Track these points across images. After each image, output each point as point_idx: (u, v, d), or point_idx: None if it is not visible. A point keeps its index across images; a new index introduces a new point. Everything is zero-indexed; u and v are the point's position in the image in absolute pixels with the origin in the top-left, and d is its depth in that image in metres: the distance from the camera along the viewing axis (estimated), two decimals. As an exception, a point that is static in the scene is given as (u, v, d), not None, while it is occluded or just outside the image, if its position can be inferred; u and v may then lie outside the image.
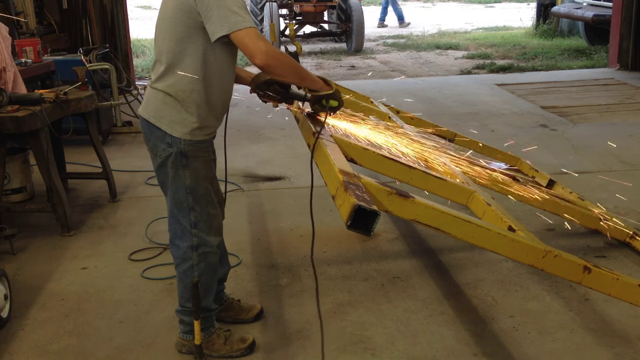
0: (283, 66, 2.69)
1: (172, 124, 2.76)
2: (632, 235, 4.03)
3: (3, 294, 3.27)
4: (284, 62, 2.70)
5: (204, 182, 2.85)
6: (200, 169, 2.82)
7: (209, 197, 2.88)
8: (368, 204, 2.16)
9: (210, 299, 2.97)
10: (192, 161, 2.79)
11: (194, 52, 2.67)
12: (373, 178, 2.52)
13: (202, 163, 2.84)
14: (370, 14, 18.01)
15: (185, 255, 2.88)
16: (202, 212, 2.85)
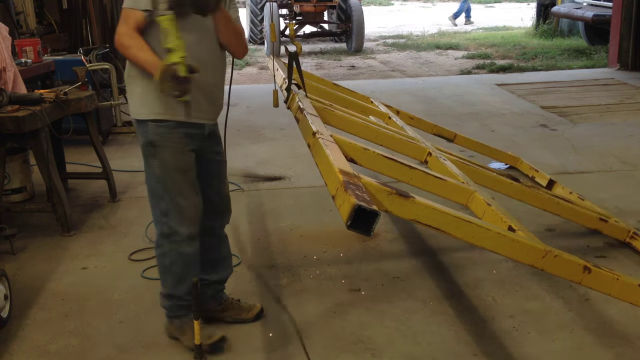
0: (125, 51, 2.78)
1: (136, 106, 2.89)
2: (632, 235, 4.03)
3: (3, 294, 3.27)
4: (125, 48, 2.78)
5: (172, 173, 2.88)
6: (168, 159, 2.86)
7: (178, 188, 2.89)
8: (368, 204, 2.16)
9: (181, 289, 3.01)
10: (160, 150, 2.85)
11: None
12: (373, 178, 2.52)
13: (172, 153, 2.86)
14: (370, 14, 18.02)
15: (158, 241, 3.00)
16: (171, 201, 2.90)
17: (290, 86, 3.86)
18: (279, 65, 4.65)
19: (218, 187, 3.09)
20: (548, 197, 4.03)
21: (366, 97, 5.33)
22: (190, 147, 2.90)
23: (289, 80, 3.87)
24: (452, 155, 4.08)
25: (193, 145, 2.91)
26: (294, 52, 3.94)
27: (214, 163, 3.06)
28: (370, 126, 3.85)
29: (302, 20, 13.44)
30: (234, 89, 3.52)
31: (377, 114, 4.78)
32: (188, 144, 2.89)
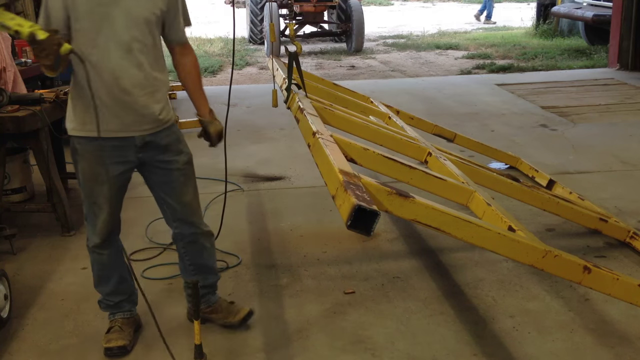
0: None
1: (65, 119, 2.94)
2: (632, 235, 4.03)
3: (3, 294, 3.27)
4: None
5: (89, 184, 2.92)
6: (86, 170, 2.89)
7: (93, 198, 2.93)
8: (368, 204, 2.16)
9: (102, 289, 3.15)
10: (80, 160, 2.90)
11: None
12: (373, 178, 2.52)
13: (88, 165, 2.88)
14: (370, 14, 18.02)
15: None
16: (88, 208, 2.97)
17: (290, 86, 3.86)
18: (279, 65, 4.65)
19: (176, 196, 3.02)
20: (548, 197, 4.03)
21: (366, 97, 5.33)
22: (114, 159, 2.88)
23: (289, 80, 3.87)
24: (452, 155, 4.08)
25: (121, 158, 2.89)
26: (294, 52, 3.94)
27: (163, 173, 2.98)
28: (370, 126, 3.85)
29: (302, 20, 13.44)
30: (234, 89, 3.53)
31: (377, 114, 4.78)
32: (108, 157, 2.86)
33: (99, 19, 2.69)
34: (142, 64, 2.78)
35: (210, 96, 3.16)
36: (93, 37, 2.70)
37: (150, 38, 2.80)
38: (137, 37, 2.75)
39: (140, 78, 2.79)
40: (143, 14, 2.75)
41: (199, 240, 3.14)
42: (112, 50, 2.72)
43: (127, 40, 2.73)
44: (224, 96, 3.83)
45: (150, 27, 2.78)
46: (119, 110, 2.80)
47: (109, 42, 2.71)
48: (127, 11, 2.72)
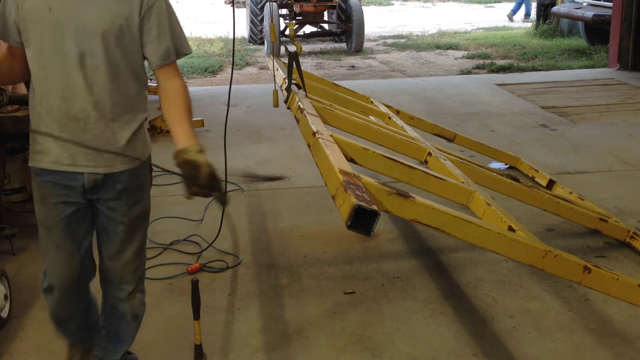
0: None
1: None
2: (632, 235, 4.03)
3: (3, 294, 3.27)
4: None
5: (40, 226, 2.48)
6: (38, 210, 2.47)
7: (43, 243, 2.50)
8: (368, 204, 2.16)
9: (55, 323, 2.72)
10: (35, 196, 2.46)
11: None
12: (373, 178, 2.52)
13: (40, 203, 2.45)
14: (370, 14, 18.01)
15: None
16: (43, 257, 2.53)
17: (290, 86, 3.86)
18: (279, 65, 4.65)
19: (109, 252, 2.53)
20: (548, 197, 4.03)
21: (366, 97, 5.33)
22: (59, 199, 2.41)
23: (289, 80, 3.87)
24: (452, 155, 4.08)
25: (65, 198, 2.41)
26: (294, 52, 3.94)
27: (105, 220, 2.48)
28: (370, 126, 3.85)
29: (302, 20, 13.42)
30: (234, 89, 3.50)
31: (377, 114, 4.78)
32: (52, 195, 2.41)
33: (46, 28, 2.27)
34: (97, 85, 2.31)
35: (210, 96, 3.15)
36: (40, 50, 2.30)
37: (111, 54, 2.30)
38: (90, 51, 2.28)
39: (94, 101, 2.31)
40: (100, 24, 2.28)
41: (121, 309, 2.63)
42: (59, 66, 2.28)
43: (77, 54, 2.27)
44: (224, 96, 3.83)
45: (110, 40, 2.29)
46: (61, 133, 2.33)
47: (56, 56, 2.28)
48: (81, 20, 2.27)
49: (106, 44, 2.29)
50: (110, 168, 2.40)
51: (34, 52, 2.31)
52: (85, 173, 2.38)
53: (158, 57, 2.40)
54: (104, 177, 2.39)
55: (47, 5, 2.25)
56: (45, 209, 2.43)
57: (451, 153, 4.24)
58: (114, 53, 2.31)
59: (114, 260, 2.54)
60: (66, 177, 2.38)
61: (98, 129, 2.35)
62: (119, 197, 2.44)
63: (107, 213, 2.46)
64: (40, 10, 2.25)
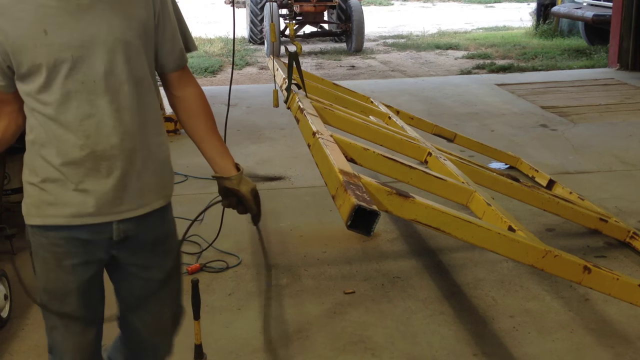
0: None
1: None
2: (632, 235, 4.03)
3: (3, 294, 3.27)
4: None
5: (46, 294, 1.98)
6: (47, 276, 1.96)
7: (51, 320, 2.05)
8: (368, 204, 2.16)
9: None
10: (35, 257, 1.98)
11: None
12: (373, 178, 2.52)
13: (49, 268, 1.94)
14: (370, 14, 18.01)
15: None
16: (49, 334, 2.13)
17: (290, 86, 3.86)
18: (279, 65, 4.65)
19: (143, 315, 2.11)
20: (548, 197, 4.03)
21: (366, 97, 5.33)
22: (81, 259, 1.94)
23: (289, 80, 3.87)
24: (452, 155, 4.08)
25: (90, 256, 1.94)
26: (294, 52, 3.94)
27: (136, 282, 2.05)
28: (370, 126, 3.85)
29: (302, 20, 13.43)
30: (234, 89, 3.49)
31: (377, 114, 4.78)
32: (72, 256, 1.92)
33: (48, 54, 1.79)
34: (125, 109, 1.87)
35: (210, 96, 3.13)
36: (45, 82, 1.81)
37: (133, 67, 1.88)
38: (111, 69, 1.84)
39: (124, 131, 1.87)
40: (118, 34, 1.84)
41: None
42: (76, 95, 1.82)
43: (97, 76, 1.83)
44: (224, 96, 3.83)
45: (131, 51, 1.87)
46: (89, 183, 1.86)
47: (70, 84, 1.81)
48: (91, 35, 1.81)
49: (127, 57, 1.86)
50: (142, 208, 1.95)
51: (37, 86, 1.81)
52: (114, 222, 1.91)
53: (174, 60, 2.02)
54: (135, 224, 1.95)
55: (40, 27, 1.77)
56: (58, 273, 1.94)
57: (451, 153, 4.24)
58: (135, 65, 1.88)
59: (148, 327, 2.13)
60: (89, 231, 1.90)
61: (130, 165, 1.89)
62: (152, 247, 2.01)
63: (139, 274, 2.04)
64: (34, 35, 1.77)
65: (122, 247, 1.97)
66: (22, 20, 1.78)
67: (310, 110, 3.49)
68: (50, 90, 1.82)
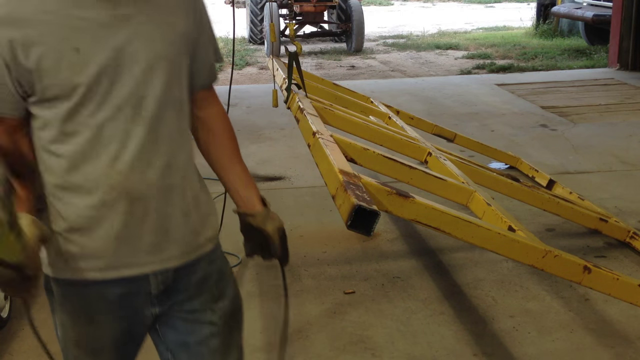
0: None
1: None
2: (632, 235, 4.04)
3: (3, 294, 3.27)
4: None
5: (73, 349, 1.73)
6: (68, 328, 1.71)
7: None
8: (368, 204, 2.16)
9: None
10: (60, 311, 1.73)
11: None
12: (373, 178, 2.52)
13: (78, 321, 1.67)
14: (370, 14, 18.02)
15: None
16: None
17: (290, 86, 3.86)
18: (279, 65, 4.65)
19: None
20: (548, 197, 4.03)
21: (366, 97, 5.33)
22: (116, 314, 1.63)
23: (289, 80, 3.87)
24: (452, 155, 4.08)
25: (126, 311, 1.63)
26: (294, 52, 3.94)
27: (185, 329, 1.69)
28: (370, 126, 3.85)
29: (302, 20, 13.43)
30: (234, 89, 3.50)
31: (377, 114, 4.78)
32: (106, 311, 1.63)
33: (80, 75, 1.48)
34: (164, 138, 1.57)
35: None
36: (72, 109, 1.50)
37: (174, 89, 1.59)
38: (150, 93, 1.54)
39: (164, 164, 1.57)
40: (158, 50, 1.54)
41: None
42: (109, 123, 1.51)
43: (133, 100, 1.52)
44: (224, 96, 3.83)
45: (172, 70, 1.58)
46: (122, 228, 1.55)
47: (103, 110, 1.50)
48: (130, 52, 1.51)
49: (168, 77, 1.56)
50: (187, 255, 1.65)
51: (62, 113, 1.49)
52: (151, 274, 1.61)
53: (205, 76, 1.72)
54: (175, 273, 1.64)
55: (70, 44, 1.46)
56: (91, 329, 1.66)
57: (451, 153, 4.24)
58: (176, 87, 1.59)
59: None
60: (124, 285, 1.60)
61: (170, 206, 1.59)
62: (198, 292, 1.69)
63: (188, 318, 1.69)
64: (64, 54, 1.46)
65: (162, 300, 1.65)
66: (49, 36, 1.45)
67: (310, 110, 3.49)
68: (78, 119, 1.50)
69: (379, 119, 4.66)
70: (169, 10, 1.57)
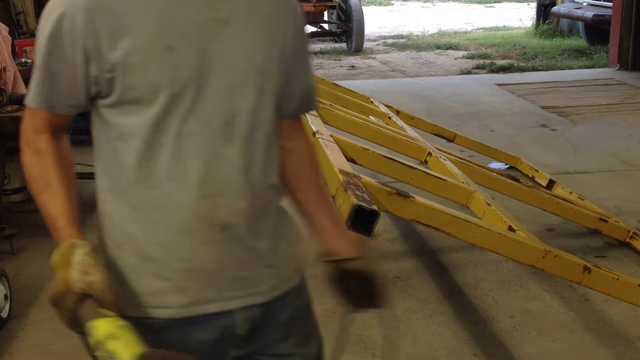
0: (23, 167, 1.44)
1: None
2: (632, 235, 4.04)
3: (3, 294, 3.27)
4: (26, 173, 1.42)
5: None
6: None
7: None
8: (368, 204, 2.16)
9: None
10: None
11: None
12: (373, 178, 2.52)
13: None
14: (370, 14, 18.02)
15: None
16: None
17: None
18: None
19: None
20: (548, 197, 4.04)
21: (366, 97, 5.33)
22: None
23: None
24: (452, 155, 4.08)
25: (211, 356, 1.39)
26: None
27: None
28: (370, 126, 3.86)
29: (302, 20, 13.46)
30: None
31: (377, 114, 4.78)
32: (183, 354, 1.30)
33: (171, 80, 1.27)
34: (255, 162, 1.38)
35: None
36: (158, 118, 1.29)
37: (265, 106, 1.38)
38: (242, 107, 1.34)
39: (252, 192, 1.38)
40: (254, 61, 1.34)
41: None
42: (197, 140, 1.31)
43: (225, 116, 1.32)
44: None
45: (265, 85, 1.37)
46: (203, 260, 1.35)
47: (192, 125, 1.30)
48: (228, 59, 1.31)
49: (262, 96, 1.36)
50: (275, 290, 1.46)
51: (144, 121, 1.29)
52: (237, 311, 1.39)
53: (301, 103, 1.51)
54: (265, 309, 1.44)
55: (164, 42, 1.26)
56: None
57: (451, 153, 4.24)
58: (269, 105, 1.39)
59: None
60: (205, 324, 1.37)
61: (257, 237, 1.41)
62: (287, 333, 1.49)
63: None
64: (155, 51, 1.26)
65: (249, 341, 1.43)
66: (141, 28, 1.25)
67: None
68: (162, 130, 1.29)
69: (379, 119, 4.66)
70: (271, 22, 1.37)
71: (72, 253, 1.25)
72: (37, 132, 1.37)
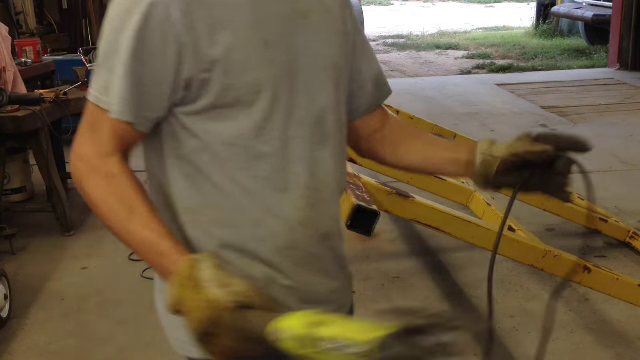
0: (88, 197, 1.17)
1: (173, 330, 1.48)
2: (632, 235, 4.04)
3: (3, 294, 3.27)
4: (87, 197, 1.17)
5: None
6: None
7: None
8: (368, 204, 2.16)
9: None
10: None
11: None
12: (373, 178, 2.52)
13: None
14: (370, 14, 18.02)
15: None
16: None
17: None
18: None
19: None
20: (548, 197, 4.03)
21: (366, 97, 5.33)
22: None
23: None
24: (452, 155, 4.08)
25: None
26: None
27: None
28: (370, 126, 3.85)
29: (302, 20, 13.45)
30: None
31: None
32: None
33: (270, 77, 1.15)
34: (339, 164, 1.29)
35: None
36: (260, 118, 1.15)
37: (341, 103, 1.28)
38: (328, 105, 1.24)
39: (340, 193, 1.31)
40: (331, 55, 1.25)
41: None
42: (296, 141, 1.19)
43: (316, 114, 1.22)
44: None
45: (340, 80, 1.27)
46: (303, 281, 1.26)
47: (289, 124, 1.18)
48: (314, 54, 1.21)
49: (337, 89, 1.26)
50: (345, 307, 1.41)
51: (245, 126, 1.14)
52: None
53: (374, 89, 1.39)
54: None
55: (260, 35, 1.14)
56: None
57: (451, 153, 4.24)
58: (343, 100, 1.29)
59: None
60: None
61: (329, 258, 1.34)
62: None
63: None
64: (254, 45, 1.13)
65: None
66: (238, 21, 1.12)
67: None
68: (265, 135, 1.15)
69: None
70: (335, 15, 1.27)
71: (197, 271, 1.05)
72: (106, 155, 1.16)
